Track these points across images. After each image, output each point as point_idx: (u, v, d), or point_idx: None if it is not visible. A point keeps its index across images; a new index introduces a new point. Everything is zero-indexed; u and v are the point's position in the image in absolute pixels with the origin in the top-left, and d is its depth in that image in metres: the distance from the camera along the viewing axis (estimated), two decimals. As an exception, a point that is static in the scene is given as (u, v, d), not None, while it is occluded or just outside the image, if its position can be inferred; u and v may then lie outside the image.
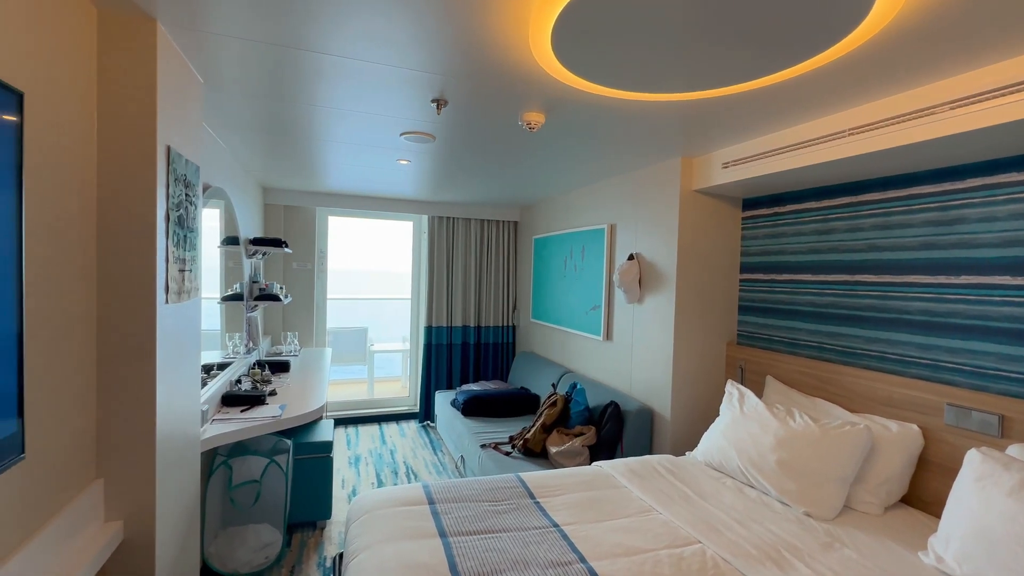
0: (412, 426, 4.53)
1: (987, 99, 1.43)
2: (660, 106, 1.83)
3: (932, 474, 1.79)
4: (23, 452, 0.92)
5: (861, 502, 1.80)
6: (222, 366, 2.65)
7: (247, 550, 2.35)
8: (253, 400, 2.40)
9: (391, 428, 4.47)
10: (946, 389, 1.77)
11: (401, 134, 2.32)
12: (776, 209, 2.54)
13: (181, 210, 1.53)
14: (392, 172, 3.21)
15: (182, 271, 1.54)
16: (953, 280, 1.80)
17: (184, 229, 1.56)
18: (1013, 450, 1.51)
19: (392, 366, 6.49)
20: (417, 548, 1.47)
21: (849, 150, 1.81)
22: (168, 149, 1.41)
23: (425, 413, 4.53)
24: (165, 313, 1.41)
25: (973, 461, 1.50)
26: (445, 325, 4.55)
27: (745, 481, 1.99)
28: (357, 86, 1.74)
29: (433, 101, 1.86)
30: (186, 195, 1.57)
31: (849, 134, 1.80)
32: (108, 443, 1.33)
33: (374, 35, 1.36)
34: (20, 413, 0.90)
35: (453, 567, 1.39)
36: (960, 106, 1.49)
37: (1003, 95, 1.39)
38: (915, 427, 1.82)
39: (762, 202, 2.62)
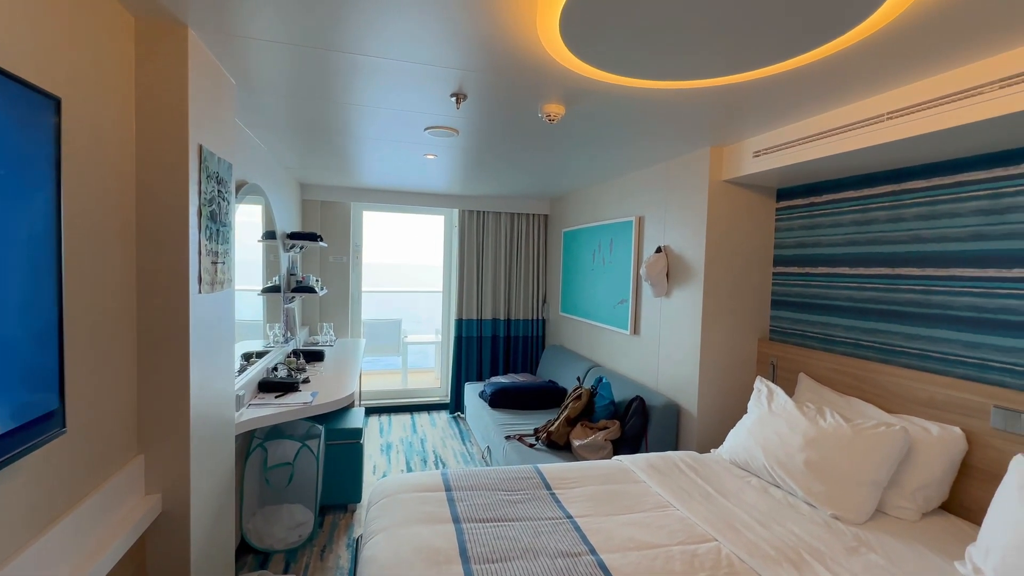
0: (443, 416, 4.63)
1: (1042, 76, 1.31)
2: (684, 94, 1.78)
3: (976, 480, 1.68)
4: (64, 427, 1.01)
5: (896, 507, 1.71)
6: (261, 354, 2.79)
7: (282, 528, 2.48)
8: (287, 387, 2.52)
9: (423, 418, 4.58)
10: (994, 390, 1.65)
11: (425, 129, 2.36)
12: (812, 199, 2.42)
13: (213, 205, 1.62)
14: (421, 167, 3.27)
15: (215, 263, 1.64)
16: (1004, 273, 1.67)
17: (217, 223, 1.65)
18: (1066, 457, 1.39)
19: (426, 357, 6.64)
20: (431, 532, 1.51)
21: (888, 135, 1.70)
22: (200, 148, 1.50)
23: (456, 404, 4.61)
24: (198, 302, 1.50)
25: (1019, 467, 1.39)
26: (475, 318, 4.61)
27: (771, 481, 1.93)
28: (381, 83, 1.78)
29: (452, 96, 1.89)
30: (219, 191, 1.66)
31: (888, 118, 1.70)
32: (148, 422, 1.43)
33: (393, 32, 1.39)
34: (61, 391, 0.99)
35: (463, 552, 1.42)
36: (1010, 84, 1.37)
37: (1060, 71, 1.27)
38: (958, 430, 1.70)
39: (797, 192, 2.51)
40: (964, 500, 1.71)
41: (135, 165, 1.38)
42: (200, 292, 1.52)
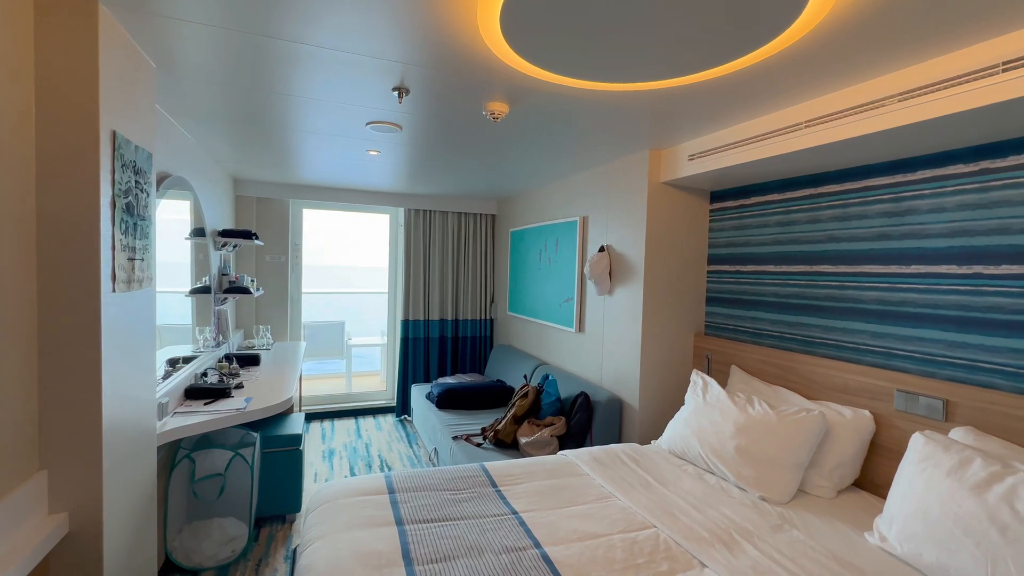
0: (389, 420, 4.52)
1: (933, 91, 1.46)
2: (624, 96, 1.84)
3: (883, 458, 1.84)
4: (-56, 440, 0.89)
5: (815, 486, 1.84)
6: (189, 359, 2.61)
7: (212, 544, 2.32)
8: (217, 393, 2.38)
9: (367, 422, 4.45)
10: (897, 375, 1.82)
11: (367, 123, 2.29)
12: (742, 201, 2.57)
13: (130, 197, 1.50)
14: (364, 163, 3.18)
15: (131, 259, 1.51)
16: (904, 270, 1.85)
17: (134, 217, 1.53)
18: (955, 433, 1.56)
19: (371, 360, 6.46)
20: (372, 536, 1.47)
21: (806, 142, 1.83)
22: (113, 134, 1.38)
23: (402, 407, 4.52)
24: (111, 302, 1.38)
25: (917, 444, 1.54)
26: (422, 319, 4.54)
27: (706, 468, 2.03)
28: (320, 74, 1.71)
29: (394, 90, 1.85)
30: (136, 182, 1.54)
31: (806, 126, 1.83)
32: (52, 434, 1.30)
33: (331, 19, 1.34)
34: (-60, 400, 0.88)
35: (406, 554, 1.39)
36: (908, 98, 1.52)
37: (948, 87, 1.42)
38: (867, 413, 1.86)
39: (729, 194, 2.65)
40: (873, 476, 1.87)
41: (35, 150, 1.25)
42: (114, 291, 1.39)
